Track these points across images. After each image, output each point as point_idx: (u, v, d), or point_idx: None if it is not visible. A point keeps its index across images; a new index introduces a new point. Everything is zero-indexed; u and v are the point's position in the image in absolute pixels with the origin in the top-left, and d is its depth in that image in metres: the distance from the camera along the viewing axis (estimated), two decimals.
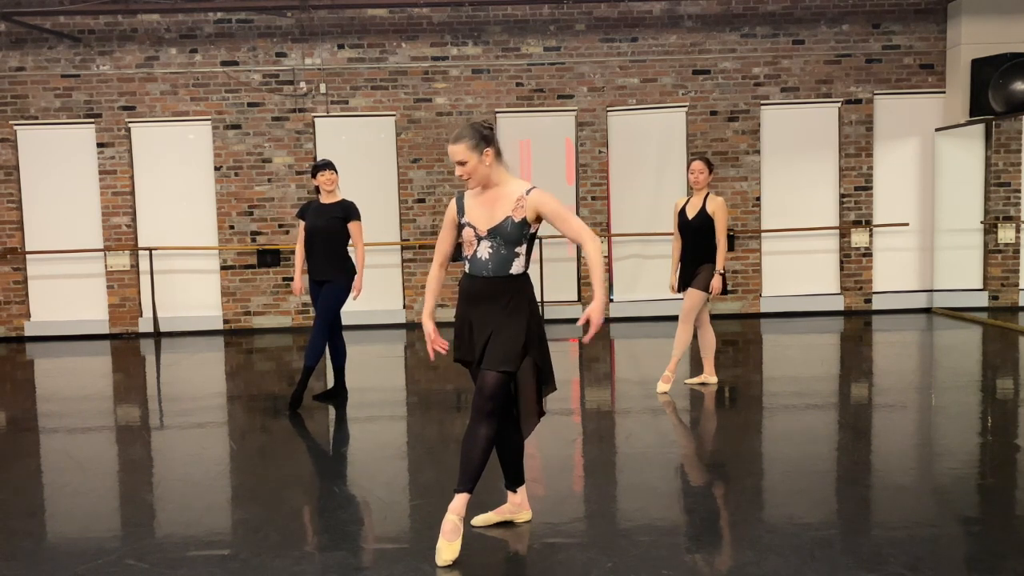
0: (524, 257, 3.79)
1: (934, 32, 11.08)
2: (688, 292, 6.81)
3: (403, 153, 11.08)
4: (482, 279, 3.77)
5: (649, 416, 6.32)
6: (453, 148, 3.70)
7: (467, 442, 3.72)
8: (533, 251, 3.91)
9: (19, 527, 4.31)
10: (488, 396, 3.70)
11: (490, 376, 3.70)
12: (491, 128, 3.77)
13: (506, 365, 3.70)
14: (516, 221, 3.71)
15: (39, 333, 11.03)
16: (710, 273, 6.74)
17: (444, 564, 3.62)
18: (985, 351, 8.95)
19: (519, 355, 3.72)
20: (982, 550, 3.81)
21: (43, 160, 10.99)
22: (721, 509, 4.37)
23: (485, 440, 3.70)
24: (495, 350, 3.71)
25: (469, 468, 3.70)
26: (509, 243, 3.73)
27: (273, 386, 7.80)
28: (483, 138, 3.69)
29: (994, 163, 11.17)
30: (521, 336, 3.72)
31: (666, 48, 11.07)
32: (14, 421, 6.87)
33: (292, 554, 3.85)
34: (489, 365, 3.71)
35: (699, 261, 6.76)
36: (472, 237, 3.78)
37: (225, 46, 10.93)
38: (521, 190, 3.76)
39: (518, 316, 3.74)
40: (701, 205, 6.74)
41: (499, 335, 3.72)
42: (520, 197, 3.74)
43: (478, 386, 3.74)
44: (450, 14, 10.92)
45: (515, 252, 3.76)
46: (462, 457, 3.73)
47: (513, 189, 3.77)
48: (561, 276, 11.24)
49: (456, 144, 3.69)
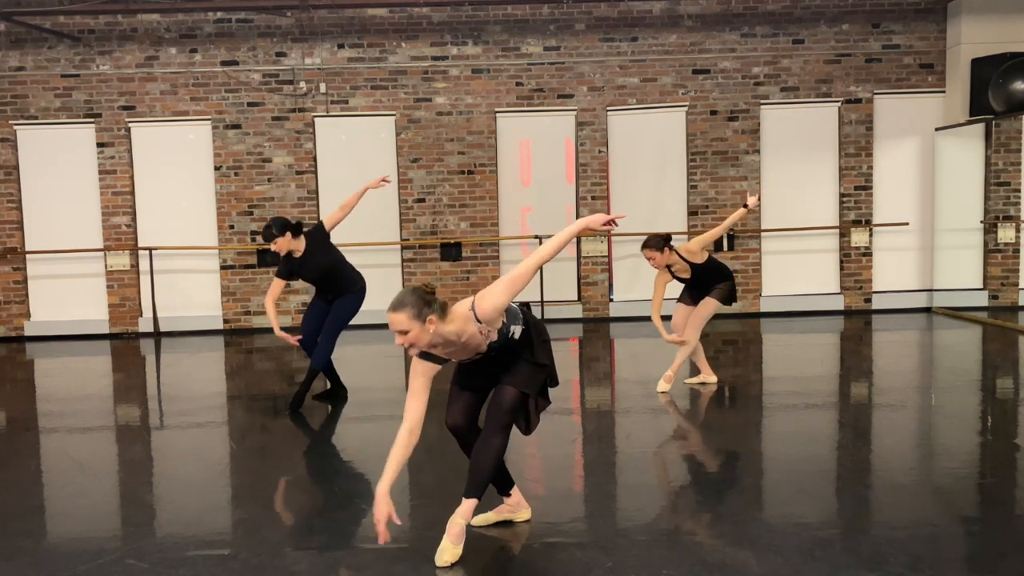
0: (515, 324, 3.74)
1: (934, 32, 11.07)
2: (704, 300, 6.82)
3: (403, 153, 11.07)
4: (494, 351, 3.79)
5: (649, 416, 6.32)
6: (393, 317, 3.40)
7: (478, 452, 3.74)
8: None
9: (19, 527, 4.31)
10: (506, 410, 3.73)
11: (511, 391, 3.73)
12: (433, 292, 3.48)
13: (526, 386, 3.75)
14: (496, 340, 3.68)
15: (39, 333, 11.03)
16: (729, 287, 6.83)
17: (444, 565, 3.63)
18: (985, 351, 8.95)
19: (540, 381, 3.81)
20: (982, 549, 3.81)
21: (43, 160, 10.99)
22: (721, 509, 4.37)
23: (497, 451, 3.73)
24: (516, 371, 3.75)
25: (479, 476, 3.72)
26: (503, 343, 3.71)
27: (273, 386, 7.80)
28: (426, 303, 3.41)
29: (994, 163, 11.17)
30: (543, 368, 3.81)
31: (666, 48, 11.07)
32: (14, 421, 6.87)
33: (292, 554, 3.85)
34: (510, 382, 3.74)
35: (712, 284, 6.83)
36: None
37: (225, 46, 10.93)
38: (472, 322, 3.55)
39: (532, 348, 3.79)
40: (684, 263, 6.71)
41: (518, 363, 3.76)
42: (479, 327, 3.57)
43: (496, 400, 3.76)
44: (450, 14, 10.92)
45: (510, 336, 3.72)
46: (472, 465, 3.75)
47: (467, 328, 3.55)
48: (561, 276, 11.24)
49: (397, 313, 3.39)
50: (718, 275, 6.83)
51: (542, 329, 3.89)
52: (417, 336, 3.42)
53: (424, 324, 3.41)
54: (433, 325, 3.43)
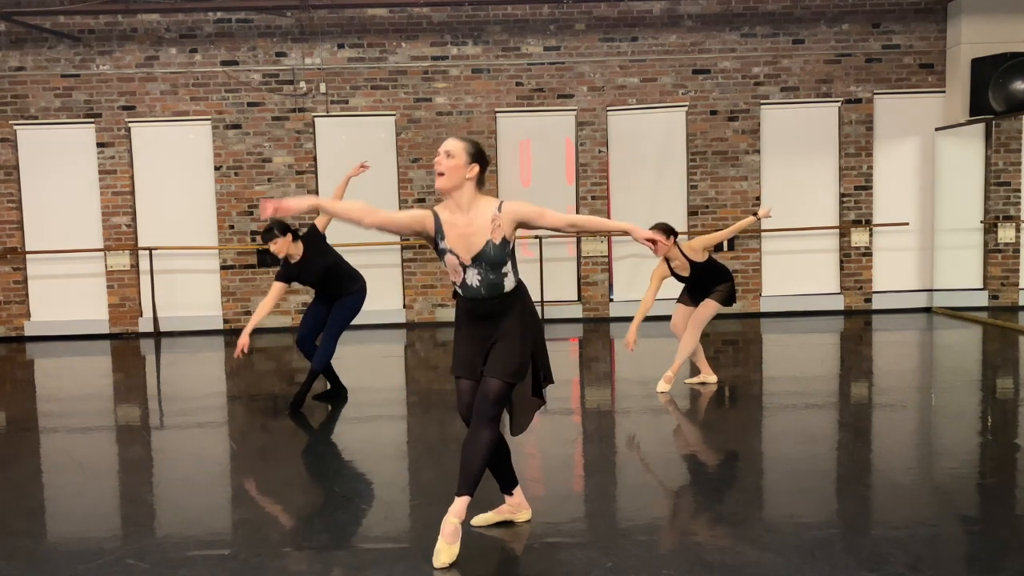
0: (512, 272, 3.78)
1: (934, 32, 11.07)
2: (705, 302, 6.83)
3: (403, 153, 11.07)
4: (479, 300, 3.77)
5: (649, 416, 6.32)
6: (451, 141, 3.71)
7: (468, 446, 3.72)
8: (534, 251, 3.92)
9: (19, 527, 4.31)
10: (492, 402, 3.70)
11: (494, 383, 3.71)
12: (488, 160, 3.79)
13: (509, 375, 3.71)
14: (497, 243, 3.69)
15: (39, 333, 11.03)
16: (729, 289, 6.82)
17: (442, 566, 3.62)
18: (985, 351, 8.95)
19: (524, 366, 3.75)
20: (982, 549, 3.81)
21: (43, 160, 10.99)
22: (721, 509, 4.37)
23: (486, 445, 3.70)
24: (499, 359, 3.71)
25: (470, 472, 3.70)
26: (495, 266, 3.72)
27: (273, 386, 7.80)
28: (479, 155, 3.70)
29: (994, 163, 11.17)
30: (526, 348, 3.76)
31: (666, 48, 11.07)
32: (14, 421, 6.87)
33: (292, 554, 3.85)
34: (493, 373, 3.71)
35: (712, 285, 6.81)
36: (456, 265, 3.75)
37: (225, 46, 10.93)
38: (492, 208, 3.71)
39: (520, 328, 3.76)
40: (684, 259, 6.71)
41: (503, 345, 3.73)
42: (494, 217, 3.69)
43: (481, 392, 3.74)
44: (450, 14, 10.92)
45: (502, 273, 3.74)
46: (463, 461, 3.73)
47: (484, 211, 3.70)
48: (561, 276, 11.23)
49: (457, 141, 3.70)
50: (718, 276, 6.83)
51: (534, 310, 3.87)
52: (455, 167, 3.64)
53: (468, 164, 3.65)
54: (471, 173, 3.66)
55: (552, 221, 3.77)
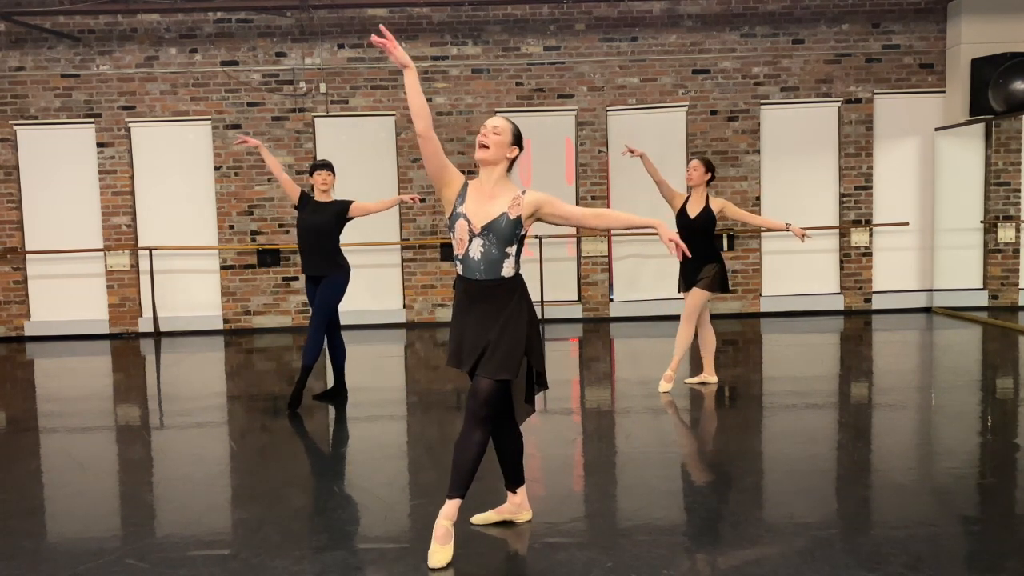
0: (514, 259, 3.78)
1: (934, 32, 11.08)
2: (692, 292, 6.81)
3: (403, 153, 11.07)
4: (476, 283, 3.76)
5: (649, 416, 6.32)
6: (499, 119, 3.88)
7: (460, 447, 3.72)
8: (534, 251, 3.92)
9: (19, 527, 4.31)
10: (483, 402, 3.69)
11: (485, 383, 3.69)
12: (523, 149, 3.96)
13: (502, 373, 3.69)
14: (511, 218, 3.72)
15: (39, 333, 11.03)
16: (714, 273, 6.75)
17: (437, 566, 3.62)
18: (985, 351, 8.95)
19: (517, 363, 3.71)
20: (982, 549, 3.81)
21: (43, 160, 10.99)
22: (721, 508, 4.37)
23: (478, 446, 3.69)
24: (492, 358, 3.69)
25: (461, 474, 3.69)
26: (501, 242, 3.71)
27: (273, 386, 7.80)
28: (520, 140, 3.89)
29: (994, 163, 11.17)
30: (520, 345, 3.72)
31: (666, 48, 11.07)
32: (14, 421, 6.87)
33: (292, 554, 3.85)
34: (485, 372, 3.69)
35: (701, 260, 6.74)
36: (464, 232, 3.75)
37: (225, 46, 10.93)
38: (517, 190, 3.82)
39: (515, 322, 3.73)
40: (704, 204, 6.75)
41: (497, 342, 3.70)
42: (517, 196, 3.79)
43: (472, 391, 3.73)
44: (450, 14, 10.92)
45: (506, 252, 3.74)
46: (454, 462, 3.72)
47: (510, 190, 3.83)
48: (561, 276, 11.23)
49: (504, 120, 3.87)
50: (709, 250, 6.77)
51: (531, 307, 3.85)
52: (501, 143, 3.81)
53: (511, 146, 3.84)
54: (512, 154, 3.86)
55: (575, 213, 3.87)
